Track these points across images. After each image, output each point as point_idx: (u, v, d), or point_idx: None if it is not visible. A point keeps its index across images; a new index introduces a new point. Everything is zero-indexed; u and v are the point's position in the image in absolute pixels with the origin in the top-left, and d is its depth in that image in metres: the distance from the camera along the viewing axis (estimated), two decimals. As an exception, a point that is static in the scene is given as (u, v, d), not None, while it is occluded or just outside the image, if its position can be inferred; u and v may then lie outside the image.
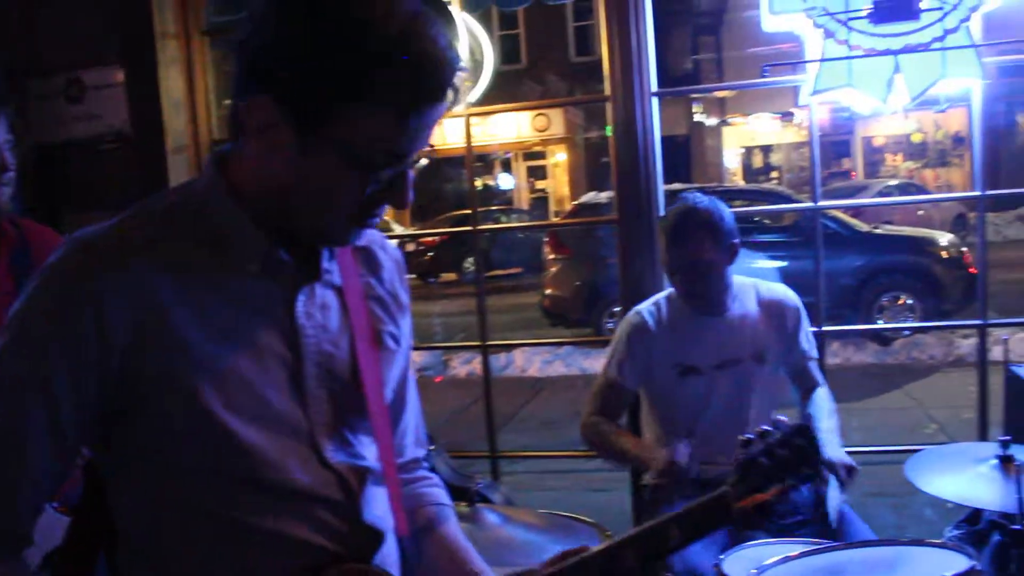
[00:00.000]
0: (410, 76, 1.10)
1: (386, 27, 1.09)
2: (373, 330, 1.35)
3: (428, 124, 1.15)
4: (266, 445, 1.20)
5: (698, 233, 2.67)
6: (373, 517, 1.31)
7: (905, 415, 7.17)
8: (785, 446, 1.48)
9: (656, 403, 2.86)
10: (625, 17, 3.36)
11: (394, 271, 1.43)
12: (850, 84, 3.12)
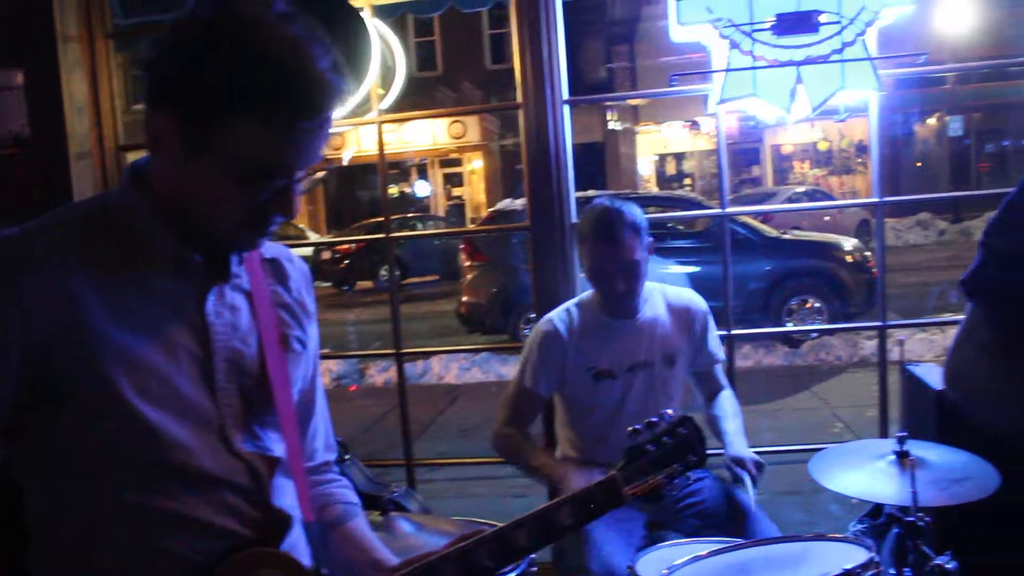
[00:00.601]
0: (285, 94, 1.19)
1: (263, 47, 1.19)
2: (280, 333, 1.44)
3: (310, 140, 1.25)
4: (177, 431, 1.28)
5: (628, 234, 2.70)
6: (284, 505, 1.40)
7: (813, 415, 7.36)
8: (670, 435, 1.62)
9: (571, 409, 2.88)
10: (536, 26, 3.39)
11: (301, 281, 1.54)
12: (755, 94, 3.20)
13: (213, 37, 1.20)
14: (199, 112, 1.21)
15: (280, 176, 1.26)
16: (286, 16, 1.22)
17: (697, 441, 1.65)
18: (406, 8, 4.14)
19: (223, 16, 1.21)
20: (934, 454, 2.39)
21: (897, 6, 3.13)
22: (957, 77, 22.75)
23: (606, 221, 2.71)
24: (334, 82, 1.23)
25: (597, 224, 2.73)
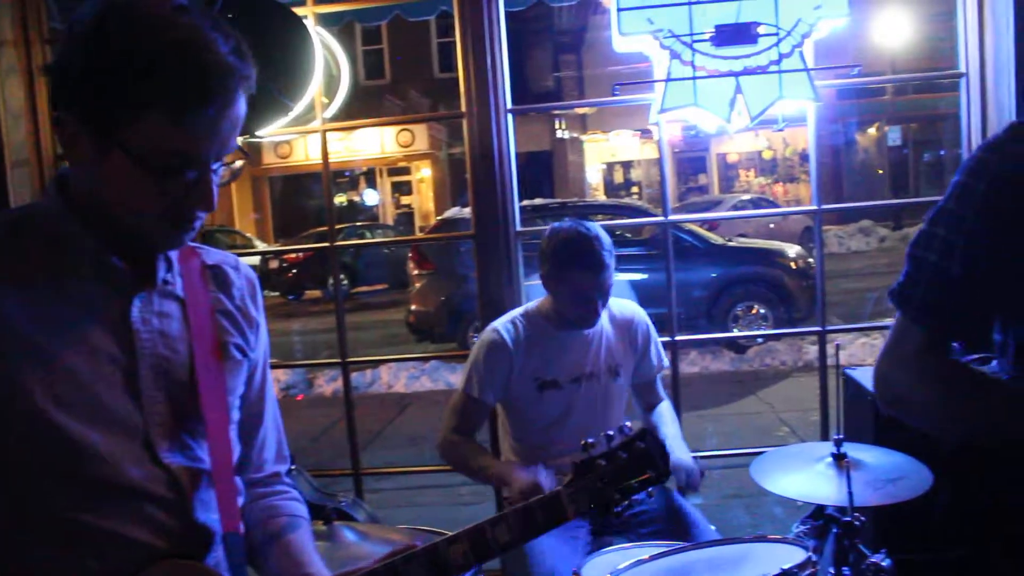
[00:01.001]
0: (184, 81, 1.18)
1: (158, 38, 1.18)
2: (218, 341, 1.42)
3: (217, 128, 1.23)
4: (96, 441, 1.25)
5: (609, 259, 2.72)
6: (207, 518, 1.37)
7: (759, 419, 7.45)
8: (626, 449, 1.53)
9: (515, 418, 2.90)
10: (480, 35, 3.41)
11: (246, 290, 1.51)
12: (695, 103, 3.25)
13: (107, 32, 1.19)
14: (101, 109, 1.20)
15: (192, 167, 1.24)
16: (182, 8, 1.22)
17: (658, 455, 1.55)
18: (351, 16, 4.13)
19: (117, 12, 1.20)
20: (870, 456, 2.46)
21: (832, 19, 3.20)
22: (895, 88, 23.28)
23: (590, 250, 2.70)
24: (235, 66, 1.21)
25: (581, 254, 2.71)
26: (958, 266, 1.34)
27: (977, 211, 1.33)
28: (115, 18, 1.20)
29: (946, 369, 1.40)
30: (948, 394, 1.39)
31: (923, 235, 1.39)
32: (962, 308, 1.37)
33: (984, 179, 1.33)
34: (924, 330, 1.39)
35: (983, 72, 3.29)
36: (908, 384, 1.42)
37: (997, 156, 1.33)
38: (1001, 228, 1.30)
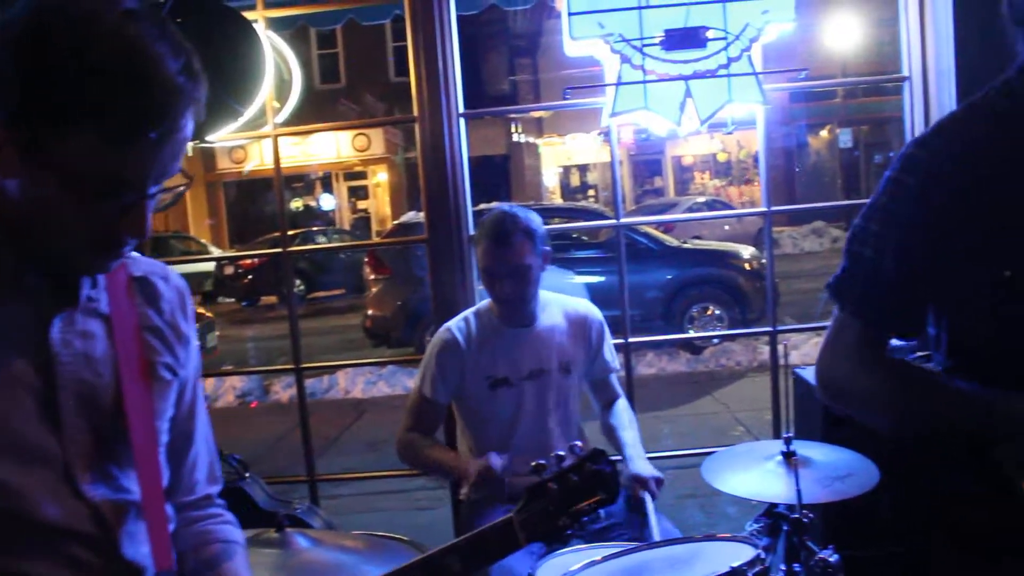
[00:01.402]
0: (123, 100, 1.06)
1: (97, 48, 1.05)
2: (145, 361, 1.31)
3: (159, 152, 1.11)
4: (10, 476, 1.15)
5: (519, 238, 2.73)
6: (136, 553, 1.28)
7: (715, 419, 7.52)
8: (578, 472, 1.51)
9: (469, 417, 2.91)
10: (432, 40, 3.41)
11: (175, 302, 1.39)
12: (646, 107, 3.28)
13: (42, 35, 1.06)
14: (29, 121, 1.07)
15: (127, 193, 1.12)
16: (131, 14, 1.08)
17: (609, 477, 1.52)
18: (304, 20, 4.12)
19: (56, 12, 1.07)
20: (819, 453, 2.49)
21: (779, 23, 3.25)
22: (846, 92, 23.67)
23: (499, 224, 2.75)
24: (184, 87, 1.09)
25: (491, 227, 2.76)
26: (891, 260, 1.38)
27: (908, 205, 1.36)
28: (53, 19, 1.06)
29: (883, 361, 1.43)
30: (885, 385, 1.43)
31: (858, 230, 1.43)
32: (896, 301, 1.40)
33: (914, 174, 1.36)
34: (861, 323, 1.42)
35: (925, 76, 3.36)
36: (847, 376, 1.45)
37: (926, 152, 1.36)
38: (932, 222, 1.34)
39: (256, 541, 1.97)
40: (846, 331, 1.45)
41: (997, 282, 1.30)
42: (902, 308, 1.42)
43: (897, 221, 1.37)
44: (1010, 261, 1.29)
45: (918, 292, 1.40)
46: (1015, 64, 1.35)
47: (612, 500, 1.53)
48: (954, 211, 1.31)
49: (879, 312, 1.41)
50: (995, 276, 1.30)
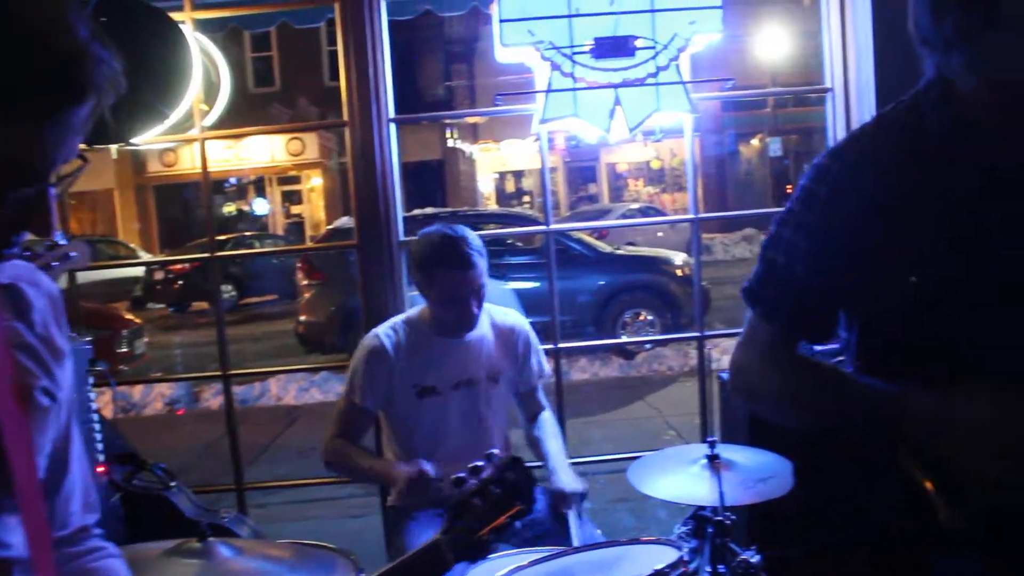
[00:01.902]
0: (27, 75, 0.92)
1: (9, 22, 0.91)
2: (20, 386, 1.06)
3: (63, 134, 0.97)
4: None
5: (477, 259, 2.73)
6: None
7: (647, 423, 7.58)
8: (498, 483, 1.53)
9: (396, 425, 2.89)
10: (363, 45, 3.40)
11: (48, 311, 1.19)
12: (575, 114, 3.32)
13: None
14: None
15: (27, 182, 0.97)
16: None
17: (525, 487, 1.55)
18: (236, 23, 4.07)
19: None
20: (742, 456, 2.54)
21: (707, 33, 3.31)
22: (776, 101, 24.14)
23: (457, 248, 2.72)
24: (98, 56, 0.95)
25: (448, 252, 2.73)
26: (802, 266, 1.42)
27: (819, 214, 1.40)
28: None
29: (793, 361, 1.48)
30: (794, 383, 1.47)
31: (772, 236, 1.47)
32: (806, 306, 1.44)
33: (825, 184, 1.40)
34: (772, 326, 1.46)
35: (847, 88, 3.45)
36: (758, 375, 1.49)
37: (837, 162, 1.41)
38: (841, 230, 1.38)
39: (178, 551, 1.94)
40: (758, 333, 1.49)
41: (903, 288, 1.34)
42: (812, 313, 1.46)
43: (808, 228, 1.41)
44: (915, 268, 1.33)
45: (827, 297, 1.45)
46: (923, 80, 1.40)
47: (530, 510, 1.55)
48: (862, 219, 1.35)
49: (790, 316, 1.45)
50: (901, 282, 1.34)
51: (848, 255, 1.38)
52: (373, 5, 3.42)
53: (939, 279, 1.32)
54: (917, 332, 1.36)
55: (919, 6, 1.31)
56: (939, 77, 1.36)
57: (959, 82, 1.33)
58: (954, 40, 1.28)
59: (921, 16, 1.31)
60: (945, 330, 1.34)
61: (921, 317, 1.34)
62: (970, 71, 1.30)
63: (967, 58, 1.29)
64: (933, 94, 1.37)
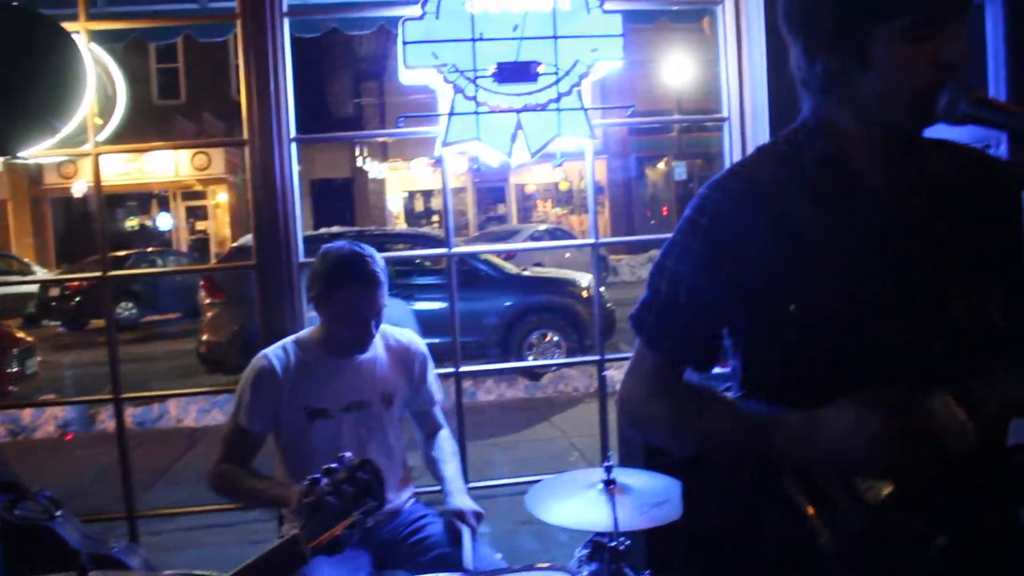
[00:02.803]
0: None
1: None
2: None
3: None
4: None
5: (381, 277, 2.71)
6: None
7: (552, 445, 7.60)
8: (351, 482, 1.59)
9: (287, 448, 2.83)
10: (264, 61, 3.36)
11: None
12: (478, 138, 3.33)
13: None
14: None
15: None
16: None
17: (376, 484, 1.63)
18: (136, 34, 3.97)
19: None
20: (639, 480, 2.56)
21: (608, 61, 3.36)
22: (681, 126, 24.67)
23: (363, 266, 2.69)
24: None
25: (354, 270, 2.69)
26: (684, 295, 1.45)
27: (700, 243, 1.43)
28: None
29: (678, 389, 1.50)
30: (679, 411, 1.49)
31: (657, 265, 1.49)
32: (689, 334, 1.48)
33: (706, 213, 1.44)
34: (657, 354, 1.49)
35: (743, 116, 3.54)
36: (644, 402, 1.51)
37: (718, 193, 1.45)
38: (721, 258, 1.41)
39: (54, 586, 1.87)
40: (644, 360, 1.51)
41: (783, 315, 1.37)
42: (695, 339, 1.49)
43: (690, 257, 1.44)
44: (793, 296, 1.37)
45: (710, 324, 1.48)
46: (800, 116, 1.45)
47: (381, 506, 1.63)
48: (741, 249, 1.39)
49: (673, 344, 1.48)
50: (781, 310, 1.37)
51: (729, 283, 1.41)
52: (276, 23, 3.37)
53: (815, 306, 1.36)
54: (797, 358, 1.40)
55: (797, 49, 1.38)
56: (815, 114, 1.42)
57: (833, 119, 1.40)
58: (828, 81, 1.35)
59: (799, 59, 1.38)
60: (823, 356, 1.37)
61: (800, 344, 1.38)
62: (843, 109, 1.38)
63: (840, 97, 1.36)
64: (810, 128, 1.43)
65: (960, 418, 1.30)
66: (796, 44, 1.38)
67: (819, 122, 1.42)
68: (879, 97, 1.32)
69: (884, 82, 1.30)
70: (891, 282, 1.36)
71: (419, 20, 3.32)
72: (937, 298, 1.37)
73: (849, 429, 1.29)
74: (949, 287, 1.38)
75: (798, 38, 1.38)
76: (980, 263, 1.40)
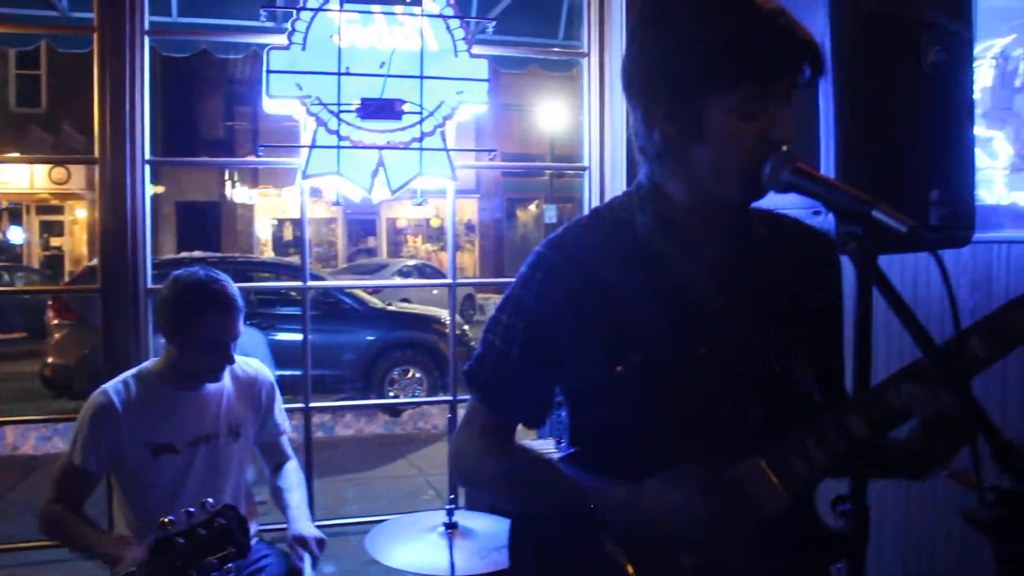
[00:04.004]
0: None
1: None
2: None
3: None
4: None
5: (240, 305, 2.63)
6: None
7: (408, 483, 7.54)
8: (207, 527, 1.53)
9: (128, 487, 2.70)
10: (120, 79, 3.26)
11: None
12: (339, 172, 3.30)
13: None
14: None
15: None
16: None
17: (239, 531, 1.58)
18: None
19: None
20: (481, 523, 2.56)
21: (473, 104, 3.41)
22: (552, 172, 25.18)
23: (223, 293, 2.61)
24: None
25: (213, 297, 2.61)
26: (517, 352, 1.46)
27: (535, 300, 1.45)
28: None
29: (506, 447, 1.52)
30: (506, 471, 1.51)
31: (492, 320, 1.50)
32: (519, 391, 1.49)
33: (541, 271, 1.45)
34: (489, 410, 1.50)
35: (603, 167, 3.63)
36: (473, 459, 1.52)
37: (553, 253, 1.46)
38: (553, 318, 1.43)
39: None
40: (476, 415, 1.52)
41: (611, 377, 1.40)
42: (525, 398, 1.50)
43: (523, 315, 1.46)
44: (622, 359, 1.40)
45: (540, 383, 1.50)
46: (636, 181, 1.50)
47: (242, 555, 1.58)
48: (572, 310, 1.41)
49: (503, 400, 1.49)
50: (610, 371, 1.40)
51: (559, 343, 1.43)
52: (136, 39, 3.28)
53: (642, 369, 1.39)
54: (625, 418, 1.43)
55: (636, 117, 1.41)
56: (651, 179, 1.46)
57: (666, 186, 1.44)
58: (665, 150, 1.39)
59: (638, 125, 1.42)
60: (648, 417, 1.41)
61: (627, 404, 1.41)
62: (676, 178, 1.42)
63: (674, 166, 1.41)
64: (644, 193, 1.47)
65: (772, 482, 1.36)
66: (636, 112, 1.42)
67: (653, 188, 1.46)
68: (711, 169, 1.37)
69: (716, 155, 1.35)
70: (712, 347, 1.41)
71: (285, 50, 3.29)
72: (755, 364, 1.43)
73: (669, 507, 1.34)
74: (767, 353, 1.44)
75: (638, 106, 1.41)
76: (798, 331, 1.46)
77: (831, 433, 1.36)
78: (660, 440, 1.40)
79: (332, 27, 3.33)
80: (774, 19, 1.31)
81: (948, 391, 1.16)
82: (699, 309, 1.42)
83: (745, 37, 1.30)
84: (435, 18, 3.41)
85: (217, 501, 2.68)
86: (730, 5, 1.33)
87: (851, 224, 1.21)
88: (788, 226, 1.56)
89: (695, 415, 1.40)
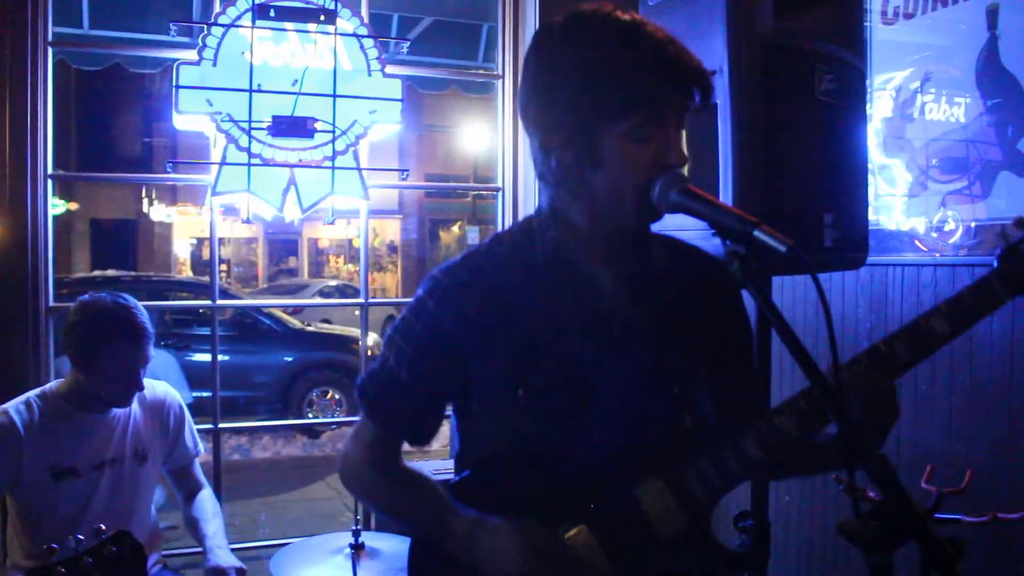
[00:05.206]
0: None
1: None
2: None
3: None
4: None
5: (150, 332, 2.59)
6: None
7: (326, 505, 7.45)
8: (95, 555, 1.49)
9: (25, 511, 2.61)
10: (22, 91, 3.18)
11: None
12: (249, 190, 3.26)
13: None
14: None
15: None
16: None
17: (133, 560, 1.53)
18: None
19: None
20: (388, 544, 2.55)
21: (385, 124, 3.41)
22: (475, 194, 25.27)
23: (128, 321, 2.56)
24: None
25: (123, 325, 2.56)
26: (406, 372, 1.47)
27: (425, 324, 1.46)
28: None
29: (390, 464, 1.54)
30: (386, 488, 1.53)
31: (389, 337, 1.51)
32: (407, 410, 1.51)
33: (434, 296, 1.46)
34: (376, 425, 1.50)
35: (516, 188, 3.66)
36: (359, 472, 1.53)
37: (446, 279, 1.47)
38: (444, 341, 1.44)
39: None
40: (364, 430, 1.52)
41: (510, 401, 1.41)
42: (412, 417, 1.52)
43: (415, 336, 1.47)
44: (522, 383, 1.41)
45: (428, 405, 1.51)
46: (537, 206, 1.52)
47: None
48: (463, 337, 1.43)
49: (391, 417, 1.50)
50: (508, 396, 1.41)
51: (449, 370, 1.45)
52: (38, 50, 3.20)
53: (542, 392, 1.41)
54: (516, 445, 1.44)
55: (534, 144, 1.43)
56: (551, 205, 1.48)
57: (565, 211, 1.46)
58: (563, 175, 1.41)
59: (535, 154, 1.44)
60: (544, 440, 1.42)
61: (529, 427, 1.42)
62: (575, 202, 1.44)
63: (572, 191, 1.43)
64: (543, 218, 1.49)
65: (669, 503, 1.38)
66: (532, 139, 1.44)
67: (553, 213, 1.47)
68: (608, 193, 1.39)
69: (612, 179, 1.37)
70: (608, 371, 1.43)
71: (195, 65, 3.25)
72: (652, 386, 1.45)
73: (495, 553, 1.38)
74: (664, 376, 1.46)
75: (534, 134, 1.43)
76: (695, 354, 1.49)
77: (728, 456, 1.39)
78: (556, 464, 1.42)
79: (244, 44, 3.30)
80: (663, 47, 1.34)
81: (831, 412, 1.19)
82: (598, 333, 1.44)
83: (635, 66, 1.33)
84: (349, 37, 3.40)
85: (121, 527, 2.62)
86: (620, 35, 1.35)
87: (735, 244, 1.24)
88: (687, 251, 1.59)
89: (593, 439, 1.42)
